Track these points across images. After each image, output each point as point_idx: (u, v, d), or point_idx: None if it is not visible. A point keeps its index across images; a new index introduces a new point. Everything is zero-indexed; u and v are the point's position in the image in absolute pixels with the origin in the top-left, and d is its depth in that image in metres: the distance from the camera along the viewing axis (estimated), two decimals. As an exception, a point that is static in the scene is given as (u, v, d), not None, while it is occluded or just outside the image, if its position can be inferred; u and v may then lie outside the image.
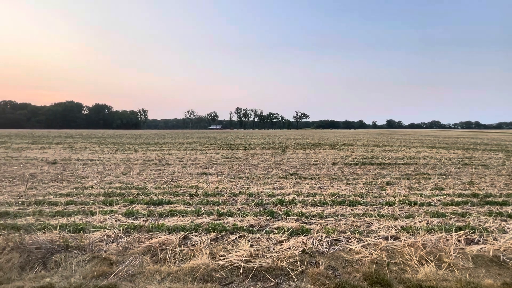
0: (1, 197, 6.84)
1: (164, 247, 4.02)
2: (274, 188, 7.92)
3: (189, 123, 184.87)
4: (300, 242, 4.26)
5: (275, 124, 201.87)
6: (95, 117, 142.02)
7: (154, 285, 3.23)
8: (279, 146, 22.59)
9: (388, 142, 29.25)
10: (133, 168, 11.54)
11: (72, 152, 17.58)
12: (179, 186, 8.13)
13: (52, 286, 3.14)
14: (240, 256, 3.82)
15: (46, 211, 5.80)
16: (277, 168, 11.38)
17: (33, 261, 3.62)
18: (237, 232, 4.70)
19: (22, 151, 17.97)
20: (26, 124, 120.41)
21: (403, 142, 28.71)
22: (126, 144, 25.23)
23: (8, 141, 27.71)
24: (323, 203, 6.33)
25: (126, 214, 5.62)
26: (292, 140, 31.05)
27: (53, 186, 8.13)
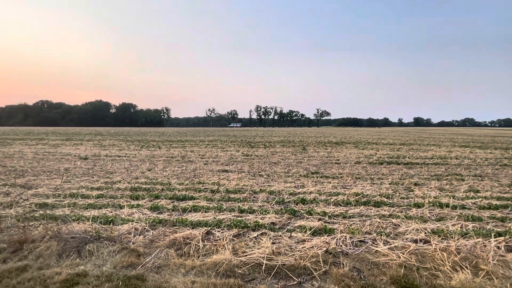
0: (41, 190, 7.38)
1: (188, 242, 4.12)
2: (295, 186, 7.83)
3: (209, 121, 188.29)
4: (323, 241, 4.17)
5: (295, 122, 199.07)
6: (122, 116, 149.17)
7: (179, 277, 3.32)
8: (300, 144, 22.32)
9: (416, 140, 27.82)
10: (157, 164, 11.95)
11: (102, 149, 18.57)
12: (201, 183, 8.30)
13: (86, 273, 3.33)
14: (262, 253, 3.82)
15: (79, 203, 6.18)
16: (298, 167, 11.25)
17: (69, 250, 3.87)
18: (258, 229, 4.70)
19: (57, 147, 19.30)
20: (61, 122, 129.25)
21: (432, 141, 27.16)
22: (151, 141, 26.20)
23: (45, 138, 29.89)
24: (347, 203, 6.15)
25: (151, 209, 5.83)
26: (313, 138, 30.55)
27: (85, 180, 8.64)
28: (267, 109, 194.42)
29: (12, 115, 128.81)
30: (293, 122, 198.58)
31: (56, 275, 3.28)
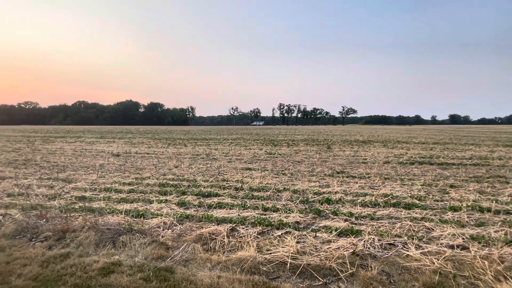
0: (79, 184, 7.98)
1: (213, 237, 4.22)
2: (319, 186, 7.68)
3: (232, 120, 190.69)
4: (349, 243, 4.05)
5: (319, 120, 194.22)
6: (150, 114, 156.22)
7: (205, 272, 3.41)
8: (324, 143, 21.83)
9: (451, 139, 25.94)
10: (184, 161, 12.36)
11: (132, 146, 19.61)
12: (225, 180, 8.44)
13: (120, 263, 3.55)
14: (287, 252, 3.80)
15: (113, 197, 6.59)
16: (323, 166, 11.01)
17: (105, 240, 4.15)
18: (282, 228, 4.69)
19: (93, 145, 20.71)
20: (95, 121, 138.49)
21: (471, 140, 25.15)
22: (177, 139, 27.15)
23: (82, 136, 32.22)
24: (375, 204, 5.91)
25: (178, 204, 6.05)
26: (338, 137, 29.72)
27: (117, 176, 9.18)
28: (290, 107, 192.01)
29: (54, 114, 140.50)
30: (317, 120, 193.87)
31: (94, 263, 3.53)
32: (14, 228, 4.54)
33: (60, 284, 3.08)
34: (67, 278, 3.19)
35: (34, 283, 3.10)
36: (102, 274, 3.28)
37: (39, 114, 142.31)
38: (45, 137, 29.75)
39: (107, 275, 3.27)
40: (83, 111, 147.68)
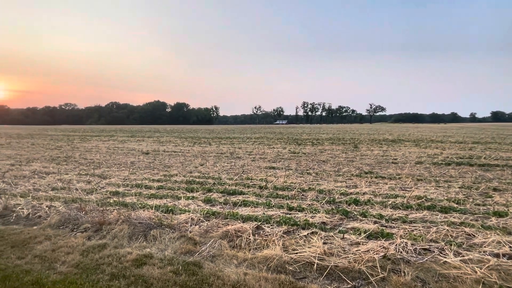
0: (113, 180, 8.49)
1: (239, 234, 4.26)
2: (346, 186, 7.44)
3: (255, 119, 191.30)
4: (379, 246, 3.87)
5: (345, 118, 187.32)
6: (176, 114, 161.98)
7: (231, 268, 3.46)
8: (351, 142, 21.13)
9: (494, 138, 23.79)
10: (208, 160, 12.65)
11: (160, 145, 20.46)
12: (249, 179, 8.50)
13: (151, 255, 3.72)
14: (314, 252, 3.73)
15: (143, 193, 6.92)
16: (349, 165, 10.66)
17: (137, 233, 4.37)
18: (308, 228, 4.61)
19: (124, 143, 21.93)
20: (126, 121, 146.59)
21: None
22: (202, 138, 27.85)
23: (114, 135, 34.26)
24: (407, 207, 5.60)
25: (205, 201, 6.20)
26: (365, 136, 28.59)
27: (147, 173, 9.63)
28: (314, 105, 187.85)
29: (90, 115, 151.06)
30: (343, 118, 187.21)
31: (128, 254, 3.73)
32: (58, 219, 4.94)
33: (98, 273, 3.30)
34: (105, 267, 3.40)
35: (76, 270, 3.35)
36: (135, 266, 3.46)
37: (77, 114, 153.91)
38: (82, 136, 32.08)
39: (140, 266, 3.44)
40: (115, 111, 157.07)
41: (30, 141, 24.35)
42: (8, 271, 3.30)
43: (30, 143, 22.31)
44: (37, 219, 5.17)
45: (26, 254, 3.75)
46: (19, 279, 3.15)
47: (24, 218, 5.27)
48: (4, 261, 3.57)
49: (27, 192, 6.93)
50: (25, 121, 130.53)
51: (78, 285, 3.03)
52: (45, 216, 5.23)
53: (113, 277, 3.23)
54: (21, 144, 21.44)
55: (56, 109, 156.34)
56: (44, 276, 3.22)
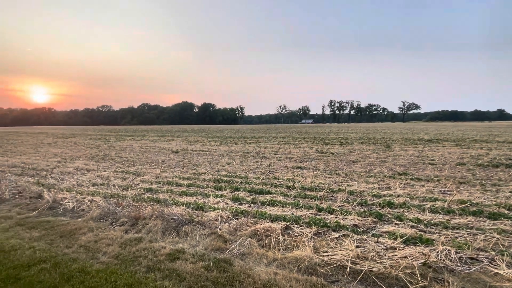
0: (146, 177, 8.93)
1: (268, 234, 4.24)
2: (379, 188, 7.09)
3: (280, 118, 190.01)
4: (419, 252, 3.62)
5: (375, 117, 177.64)
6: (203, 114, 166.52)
7: (261, 267, 3.45)
8: (382, 141, 20.12)
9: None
10: (235, 159, 12.80)
11: (188, 144, 21.14)
12: (276, 178, 8.45)
13: (183, 250, 3.84)
14: (346, 255, 3.60)
15: (174, 190, 7.19)
16: (381, 166, 10.15)
17: (170, 229, 4.54)
18: (339, 230, 4.46)
19: (155, 142, 23.00)
20: (156, 121, 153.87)
21: None
22: (228, 137, 28.29)
23: (146, 134, 36.08)
24: (448, 211, 5.18)
25: (233, 199, 6.28)
26: (398, 135, 27.05)
27: (177, 171, 9.99)
28: (342, 103, 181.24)
29: (123, 116, 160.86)
30: (373, 117, 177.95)
31: (162, 248, 3.89)
32: (99, 213, 5.31)
33: (136, 264, 3.48)
34: (141, 260, 3.58)
35: (116, 261, 3.57)
36: (169, 259, 3.59)
37: (113, 115, 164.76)
38: (117, 135, 34.24)
39: (173, 260, 3.57)
40: (146, 112, 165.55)
41: (73, 140, 26.52)
42: (58, 259, 3.61)
43: (73, 142, 24.31)
44: (80, 212, 5.60)
45: (73, 244, 4.07)
46: (67, 266, 3.42)
47: (69, 210, 5.73)
48: (55, 249, 3.91)
49: (72, 187, 7.54)
50: (68, 122, 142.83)
51: (118, 275, 3.21)
52: (87, 210, 5.64)
53: (149, 269, 3.38)
54: (65, 143, 23.44)
55: (94, 110, 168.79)
56: (89, 264, 3.47)
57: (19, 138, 30.68)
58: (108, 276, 3.20)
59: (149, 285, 3.04)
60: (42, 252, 3.80)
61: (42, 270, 3.33)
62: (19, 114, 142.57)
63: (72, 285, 3.03)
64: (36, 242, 4.16)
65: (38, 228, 4.73)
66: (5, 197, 6.65)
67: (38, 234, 4.45)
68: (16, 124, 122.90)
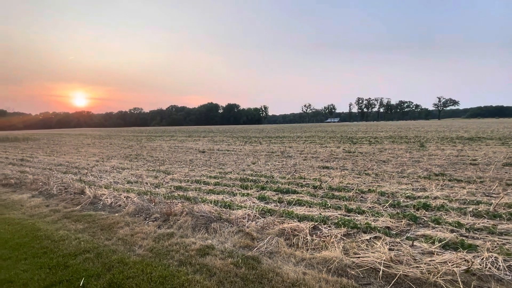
0: (175, 175, 9.30)
1: (296, 233, 4.21)
2: (413, 189, 6.70)
3: (305, 117, 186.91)
4: (460, 258, 3.37)
5: (407, 114, 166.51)
6: (227, 115, 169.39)
7: (290, 266, 3.43)
8: (416, 140, 18.96)
9: None
10: (260, 158, 12.85)
11: (214, 144, 21.63)
12: (302, 178, 8.34)
13: (213, 247, 3.94)
14: (378, 258, 3.45)
15: (202, 188, 7.40)
16: (415, 166, 9.58)
17: (199, 225, 4.69)
18: (370, 232, 4.29)
19: (183, 142, 23.84)
20: (184, 122, 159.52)
21: None
22: (252, 137, 28.48)
23: (174, 135, 37.54)
24: (494, 215, 4.75)
25: (259, 198, 6.31)
26: (433, 133, 25.31)
27: (204, 170, 10.28)
28: (371, 101, 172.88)
29: (153, 117, 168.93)
30: (404, 114, 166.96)
31: (192, 244, 4.03)
32: (134, 208, 5.63)
33: (168, 258, 3.65)
34: (174, 254, 3.74)
35: (150, 254, 3.77)
36: (199, 255, 3.72)
37: (143, 117, 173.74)
38: (148, 136, 36.05)
39: (203, 256, 3.68)
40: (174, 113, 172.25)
41: (108, 141, 28.42)
42: (100, 249, 3.90)
43: (109, 142, 26.05)
44: (117, 207, 5.99)
45: (112, 237, 4.37)
46: (108, 257, 3.69)
47: (108, 206, 6.15)
48: (97, 240, 4.23)
49: (109, 184, 8.08)
50: (104, 124, 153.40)
51: (153, 267, 3.39)
52: (123, 205, 6.02)
53: (181, 263, 3.52)
54: (102, 143, 25.19)
55: (127, 113, 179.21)
56: (126, 256, 3.71)
57: (63, 139, 33.58)
58: (144, 267, 3.39)
59: (181, 278, 3.17)
60: (86, 243, 4.13)
61: (86, 259, 3.62)
62: (62, 118, 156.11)
63: (113, 274, 3.25)
64: (81, 233, 4.54)
65: (82, 221, 5.14)
66: (53, 193, 7.33)
67: (82, 227, 4.85)
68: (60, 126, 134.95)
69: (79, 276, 3.24)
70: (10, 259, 3.70)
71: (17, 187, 8.32)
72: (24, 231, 4.66)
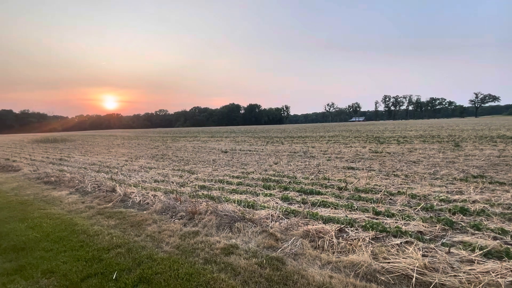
0: (199, 175, 9.51)
1: (321, 235, 4.10)
2: (447, 192, 6.26)
3: (328, 116, 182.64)
4: (506, 268, 3.08)
5: (439, 112, 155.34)
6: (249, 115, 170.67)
7: (315, 269, 3.35)
8: (450, 139, 17.75)
9: None
10: (282, 158, 12.75)
11: (236, 144, 21.85)
12: (326, 179, 8.14)
13: (237, 246, 3.96)
14: (411, 264, 3.26)
15: (225, 188, 7.49)
16: (449, 167, 8.95)
17: (223, 224, 4.74)
18: (401, 236, 4.06)
19: (206, 143, 24.36)
20: (206, 123, 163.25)
21: None
22: (274, 137, 28.37)
23: (198, 135, 38.49)
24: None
25: (282, 199, 6.25)
26: (470, 132, 23.52)
27: (227, 169, 10.40)
28: (398, 98, 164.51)
29: (177, 119, 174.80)
30: (436, 112, 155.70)
31: (217, 242, 4.09)
32: (161, 206, 5.84)
33: (194, 256, 3.72)
34: (199, 252, 3.82)
35: (177, 251, 3.87)
36: (224, 254, 3.75)
37: (168, 119, 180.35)
38: (173, 137, 37.31)
39: (228, 255, 3.72)
40: (197, 115, 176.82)
41: (136, 141, 29.82)
42: (130, 245, 4.09)
43: (136, 143, 27.33)
44: (145, 205, 6.24)
45: (141, 233, 4.56)
46: (137, 252, 3.85)
47: (136, 203, 6.44)
48: (127, 236, 4.44)
49: (137, 183, 8.46)
50: (132, 125, 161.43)
51: (180, 264, 3.48)
52: (151, 203, 6.26)
53: (206, 261, 3.58)
54: (131, 144, 26.49)
55: (153, 114, 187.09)
56: (154, 252, 3.85)
57: (95, 140, 35.82)
58: (171, 264, 3.49)
59: (207, 276, 3.21)
60: (118, 238, 4.35)
61: (118, 254, 3.81)
62: (94, 120, 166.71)
63: (143, 270, 3.39)
64: (113, 229, 4.79)
65: (114, 217, 5.43)
66: (88, 190, 7.82)
67: (114, 223, 5.11)
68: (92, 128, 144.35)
69: (112, 270, 3.41)
70: (51, 251, 4.00)
71: (56, 184, 8.99)
72: (63, 226, 5.01)
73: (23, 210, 6.19)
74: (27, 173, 11.10)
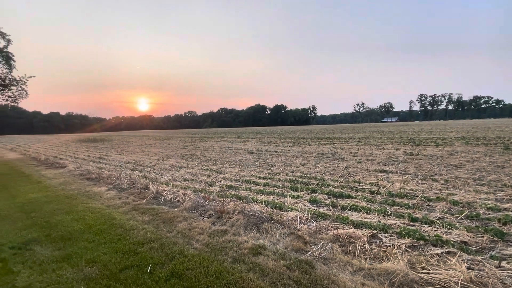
0: (227, 175, 9.67)
1: (352, 241, 3.94)
2: (496, 199, 5.68)
3: (358, 117, 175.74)
4: None
5: (484, 112, 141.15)
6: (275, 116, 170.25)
7: (346, 275, 3.23)
8: (498, 142, 16.11)
9: None
10: (309, 160, 12.50)
11: (262, 145, 21.89)
12: (356, 182, 7.82)
13: (265, 247, 3.95)
14: (454, 277, 3.00)
15: (252, 188, 7.52)
16: (498, 172, 8.12)
17: (251, 225, 4.76)
18: (442, 246, 3.76)
19: (232, 143, 24.73)
20: (232, 124, 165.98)
21: None
22: (300, 138, 27.96)
23: (224, 136, 39.23)
24: None
25: (310, 201, 6.12)
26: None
27: (253, 170, 10.45)
28: (436, 97, 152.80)
29: (205, 120, 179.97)
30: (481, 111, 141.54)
31: (245, 242, 4.11)
32: (190, 205, 6.03)
33: (223, 254, 3.79)
34: (227, 251, 3.87)
35: (206, 249, 3.97)
36: (252, 254, 3.77)
37: (196, 120, 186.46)
38: (201, 137, 38.45)
39: (256, 255, 3.72)
40: (224, 116, 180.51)
41: (167, 142, 31.20)
42: (163, 241, 4.27)
43: (167, 143, 28.59)
44: (176, 203, 6.49)
45: (172, 230, 4.75)
46: (169, 248, 4.02)
47: (168, 201, 6.72)
48: (160, 232, 4.65)
49: (168, 181, 8.83)
50: (162, 126, 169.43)
51: (209, 262, 3.56)
52: (181, 201, 6.49)
53: (234, 260, 3.62)
54: (162, 144, 27.78)
55: (182, 116, 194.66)
56: (185, 249, 3.98)
57: (130, 140, 38.13)
58: (201, 261, 3.59)
59: (236, 275, 3.25)
60: (151, 233, 4.58)
61: (152, 249, 4.00)
62: (129, 121, 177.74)
63: (174, 265, 3.52)
64: (146, 225, 5.05)
65: (147, 213, 5.72)
66: (124, 187, 8.34)
67: (148, 219, 5.39)
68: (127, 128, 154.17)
69: (146, 263, 3.59)
70: (93, 242, 4.32)
71: (96, 181, 9.71)
72: (103, 219, 5.40)
73: (69, 203, 6.78)
74: (72, 170, 12.15)
